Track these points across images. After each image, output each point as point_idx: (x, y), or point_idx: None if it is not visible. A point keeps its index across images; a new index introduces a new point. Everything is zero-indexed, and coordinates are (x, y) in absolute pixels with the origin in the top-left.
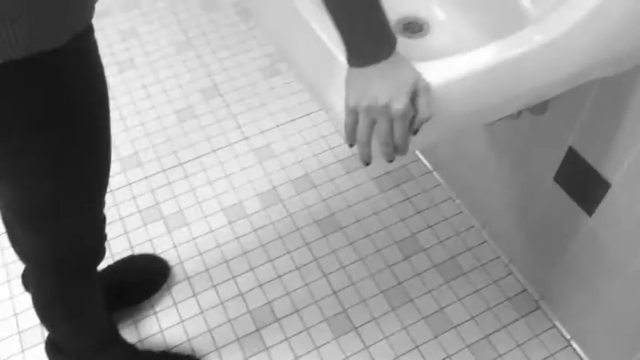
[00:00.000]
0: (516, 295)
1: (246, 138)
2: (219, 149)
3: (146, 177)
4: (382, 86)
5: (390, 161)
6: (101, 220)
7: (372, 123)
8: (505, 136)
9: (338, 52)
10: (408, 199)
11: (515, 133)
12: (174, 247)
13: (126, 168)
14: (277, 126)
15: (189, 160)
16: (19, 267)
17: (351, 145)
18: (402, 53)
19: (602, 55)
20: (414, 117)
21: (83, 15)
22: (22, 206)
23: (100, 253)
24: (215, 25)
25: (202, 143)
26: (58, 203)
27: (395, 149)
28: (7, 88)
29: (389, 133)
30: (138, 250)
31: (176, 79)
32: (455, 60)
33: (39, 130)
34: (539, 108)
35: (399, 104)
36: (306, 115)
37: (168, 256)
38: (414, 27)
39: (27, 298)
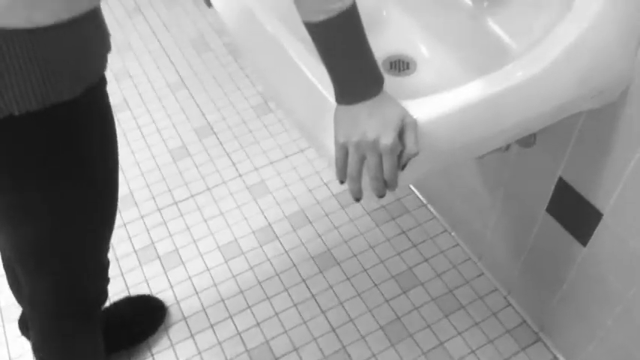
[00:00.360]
0: (516, 327)
1: (240, 175)
2: (213, 187)
3: (141, 216)
4: (370, 122)
5: (381, 196)
6: (105, 265)
7: (362, 158)
8: (495, 168)
9: (326, 91)
10: (403, 232)
11: (505, 165)
12: (171, 287)
13: (121, 208)
14: (271, 163)
15: (184, 199)
16: (15, 311)
17: (341, 182)
18: (389, 91)
19: (583, 89)
20: (402, 152)
21: (97, 68)
22: (26, 251)
23: (102, 298)
24: (207, 65)
25: (197, 182)
26: (62, 248)
27: (385, 184)
28: (19, 137)
29: (378, 168)
30: (134, 291)
31: (170, 119)
32: (440, 97)
33: (49, 178)
34: (528, 140)
35: (387, 139)
36: (300, 151)
37: (165, 296)
38: (401, 65)
39: (23, 343)
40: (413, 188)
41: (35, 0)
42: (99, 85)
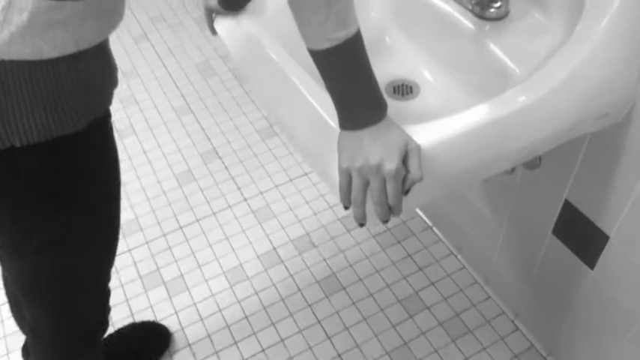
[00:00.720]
0: (524, 351)
1: (245, 199)
2: (218, 212)
3: (147, 242)
4: (374, 147)
5: (385, 222)
6: (106, 294)
7: (366, 183)
8: (501, 190)
9: (329, 116)
10: (409, 255)
11: (510, 187)
12: (175, 312)
13: (126, 234)
14: (276, 186)
15: (190, 224)
16: (19, 339)
17: (346, 208)
18: (393, 115)
19: (585, 112)
20: (406, 177)
21: (103, 102)
22: (29, 280)
23: (103, 326)
24: (213, 90)
25: (202, 206)
26: (65, 278)
27: (389, 209)
28: (20, 168)
29: (382, 193)
30: (139, 318)
31: (175, 144)
32: (444, 122)
33: (51, 210)
34: (533, 163)
35: (391, 164)
36: (305, 174)
37: (170, 322)
38: (404, 89)
39: None
40: (418, 210)
41: (44, 31)
42: (103, 119)
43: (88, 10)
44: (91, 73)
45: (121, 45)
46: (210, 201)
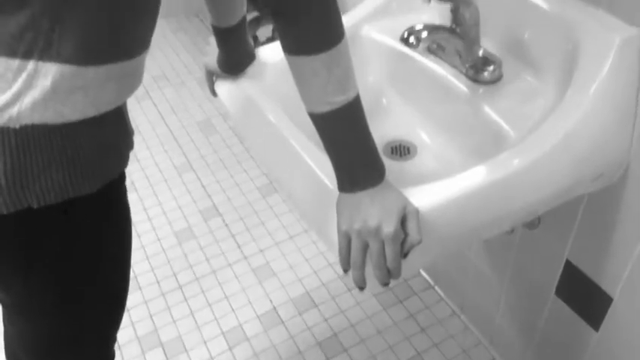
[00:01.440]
0: None
1: (245, 257)
2: (218, 270)
3: (145, 301)
4: (372, 210)
5: (385, 285)
6: (111, 357)
7: (365, 246)
8: (501, 250)
9: (328, 178)
10: (411, 315)
11: (510, 247)
12: None
13: None
14: (276, 244)
15: (189, 283)
16: None
17: (345, 271)
18: (391, 176)
19: (580, 174)
20: (405, 240)
21: (119, 165)
22: (33, 340)
23: None
24: (214, 147)
25: (202, 265)
26: (70, 339)
27: (388, 272)
28: (34, 229)
29: (381, 256)
30: None
31: (176, 201)
32: (441, 184)
33: (61, 270)
34: (532, 222)
35: (389, 227)
36: (304, 231)
37: None
38: (402, 150)
39: None
40: (419, 269)
41: (66, 96)
42: (118, 181)
43: (110, 75)
44: (109, 136)
45: None
46: (209, 259)
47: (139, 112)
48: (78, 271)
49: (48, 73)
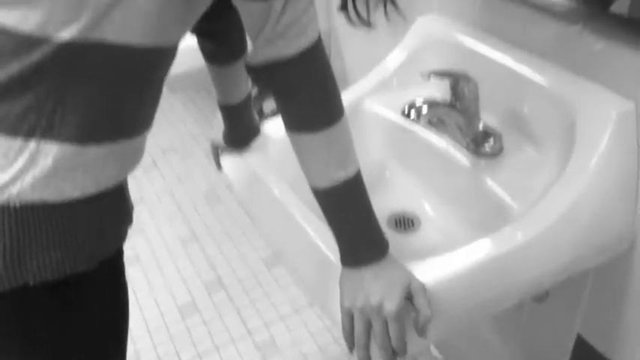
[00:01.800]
0: None
1: (249, 333)
2: (221, 346)
3: None
4: (375, 286)
5: None
6: None
7: (368, 325)
8: (511, 324)
9: (331, 253)
10: None
11: (519, 321)
12: None
13: None
14: (281, 318)
15: None
16: None
17: (350, 349)
18: (395, 248)
19: (584, 248)
20: (417, 317)
21: (117, 241)
22: None
23: None
24: (219, 218)
25: (205, 341)
26: None
27: (393, 353)
28: (29, 306)
29: (385, 336)
30: None
31: (179, 274)
32: (446, 258)
33: (60, 346)
34: (540, 296)
35: (392, 305)
36: (309, 305)
37: None
38: (406, 222)
39: None
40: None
41: (66, 174)
42: (115, 257)
43: (111, 154)
44: (109, 213)
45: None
46: (212, 335)
47: (145, 182)
48: (72, 346)
49: (49, 153)
